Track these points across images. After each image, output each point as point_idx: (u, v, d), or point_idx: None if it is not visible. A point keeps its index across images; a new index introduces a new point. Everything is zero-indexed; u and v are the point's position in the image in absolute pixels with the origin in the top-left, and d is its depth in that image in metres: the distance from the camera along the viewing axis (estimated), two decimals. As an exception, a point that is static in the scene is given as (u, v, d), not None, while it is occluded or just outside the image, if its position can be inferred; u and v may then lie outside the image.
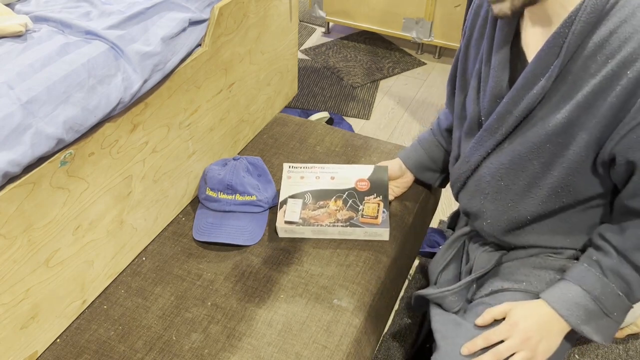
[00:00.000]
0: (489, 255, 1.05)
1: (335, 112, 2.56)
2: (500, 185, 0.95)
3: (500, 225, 0.99)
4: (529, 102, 0.86)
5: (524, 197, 0.93)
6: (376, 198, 1.20)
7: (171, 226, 1.24)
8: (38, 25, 0.96)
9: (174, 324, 1.03)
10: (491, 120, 0.92)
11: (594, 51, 0.79)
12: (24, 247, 0.86)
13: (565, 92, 0.83)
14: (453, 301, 1.04)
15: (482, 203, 1.00)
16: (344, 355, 0.99)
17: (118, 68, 0.93)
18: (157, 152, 1.12)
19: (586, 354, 1.38)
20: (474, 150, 0.98)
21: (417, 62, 2.95)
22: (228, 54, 1.26)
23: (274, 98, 1.57)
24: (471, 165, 0.99)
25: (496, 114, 0.91)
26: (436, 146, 1.24)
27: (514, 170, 0.92)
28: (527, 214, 0.94)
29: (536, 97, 0.85)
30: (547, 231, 0.96)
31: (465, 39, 1.03)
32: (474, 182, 1.00)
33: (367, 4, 2.89)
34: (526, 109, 0.87)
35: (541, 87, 0.84)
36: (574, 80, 0.82)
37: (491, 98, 0.93)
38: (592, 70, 0.80)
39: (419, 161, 1.26)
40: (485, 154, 0.96)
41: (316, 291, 1.08)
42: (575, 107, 0.82)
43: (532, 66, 0.85)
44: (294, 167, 1.28)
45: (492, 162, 0.95)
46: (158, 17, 1.03)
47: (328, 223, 1.17)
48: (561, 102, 0.84)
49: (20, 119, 0.79)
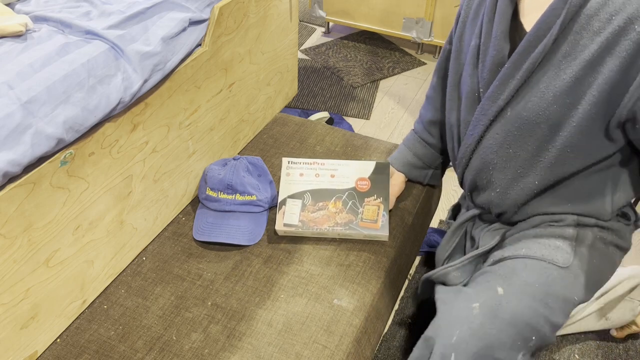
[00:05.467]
0: (493, 234, 1.07)
1: (335, 112, 2.55)
2: (509, 152, 0.96)
3: (509, 193, 1.00)
4: (531, 62, 0.87)
5: (533, 162, 0.94)
6: (376, 200, 1.19)
7: (171, 226, 1.24)
8: (38, 25, 0.96)
9: (174, 324, 1.03)
10: (493, 88, 0.93)
11: (597, 9, 0.80)
12: (24, 247, 0.86)
13: (568, 51, 0.84)
14: (456, 277, 1.05)
15: (491, 173, 1.01)
16: (344, 355, 0.99)
17: (118, 68, 0.93)
18: (157, 152, 1.11)
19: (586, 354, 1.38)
20: (476, 122, 0.99)
21: (417, 62, 2.95)
22: (228, 54, 1.26)
23: (274, 98, 1.57)
24: (475, 137, 1.00)
25: (498, 79, 0.92)
26: (419, 142, 1.27)
27: (522, 137, 0.93)
28: (536, 179, 0.95)
29: (537, 58, 0.86)
30: (551, 197, 0.97)
31: (460, 20, 1.04)
32: (480, 155, 1.01)
33: (367, 4, 2.89)
34: (528, 70, 0.88)
35: (542, 47, 0.85)
36: (576, 39, 0.82)
37: (492, 67, 0.94)
38: (595, 28, 0.80)
39: (405, 160, 1.28)
40: (489, 122, 0.96)
41: (316, 291, 1.08)
42: (581, 66, 0.82)
43: (534, 30, 0.86)
44: (293, 163, 1.24)
45: (498, 131, 0.96)
46: (158, 17, 1.03)
47: (327, 227, 1.16)
48: (564, 62, 0.84)
49: (20, 118, 0.79)
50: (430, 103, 1.23)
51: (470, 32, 1.01)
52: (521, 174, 0.97)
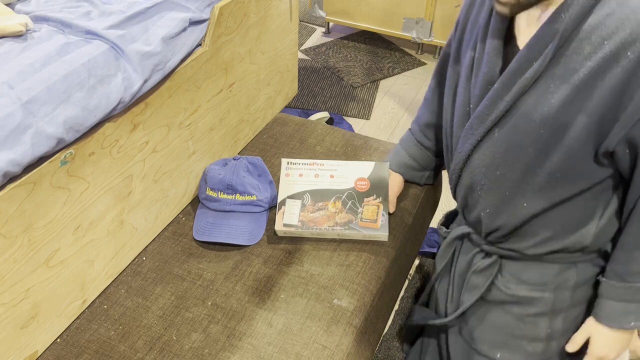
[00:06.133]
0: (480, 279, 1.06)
1: (335, 112, 2.56)
2: (497, 174, 0.94)
3: (499, 215, 0.98)
4: (521, 86, 0.84)
5: (522, 186, 0.92)
6: (376, 200, 1.19)
7: (171, 226, 1.24)
8: (38, 25, 0.96)
9: (174, 324, 1.03)
10: (482, 107, 0.91)
11: (589, 33, 0.77)
12: (24, 247, 0.86)
13: (558, 75, 0.82)
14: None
15: (479, 194, 0.98)
16: (344, 355, 0.99)
17: (118, 68, 0.93)
18: (158, 152, 1.12)
19: (586, 354, 1.37)
20: (465, 139, 0.96)
21: (417, 62, 2.95)
22: (228, 54, 1.26)
23: (274, 98, 1.57)
24: (463, 155, 0.98)
25: (487, 99, 0.89)
26: (415, 144, 1.25)
27: (510, 159, 0.91)
28: (525, 202, 0.93)
29: (528, 81, 0.84)
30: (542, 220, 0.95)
31: (460, 26, 1.01)
32: (469, 174, 0.99)
33: (367, 4, 2.89)
34: (517, 93, 0.85)
35: (534, 71, 0.83)
36: (567, 63, 0.80)
37: (483, 84, 0.91)
38: (587, 52, 0.78)
39: (401, 161, 1.27)
40: (476, 142, 0.94)
41: (316, 291, 1.08)
42: (570, 90, 0.80)
43: (526, 50, 0.83)
44: (292, 164, 1.25)
45: (485, 152, 0.94)
46: (158, 17, 1.03)
47: (327, 227, 1.16)
48: (554, 86, 0.82)
49: (21, 118, 0.79)
50: (428, 106, 1.21)
51: (468, 40, 0.98)
52: (510, 197, 0.94)
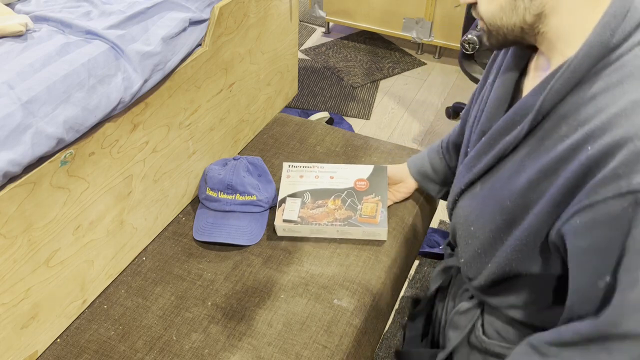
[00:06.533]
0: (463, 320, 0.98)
1: (335, 112, 2.56)
2: (470, 230, 0.89)
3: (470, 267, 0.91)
4: (502, 148, 0.79)
5: (491, 249, 0.85)
6: (375, 198, 1.21)
7: (171, 226, 1.24)
8: (38, 25, 0.96)
9: (174, 324, 1.03)
10: (469, 158, 0.87)
11: (568, 111, 0.69)
12: (24, 247, 0.86)
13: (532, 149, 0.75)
14: None
15: (458, 241, 0.94)
16: (344, 355, 0.99)
17: (118, 68, 0.93)
18: (158, 152, 1.12)
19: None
20: (456, 181, 0.93)
21: (417, 62, 2.95)
22: (228, 54, 1.26)
23: (274, 98, 1.57)
24: (453, 196, 0.95)
25: (475, 150, 0.86)
26: (440, 158, 1.21)
27: (483, 220, 0.85)
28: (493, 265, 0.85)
29: (509, 144, 0.78)
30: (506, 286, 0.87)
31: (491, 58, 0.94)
32: (455, 217, 0.95)
33: (367, 4, 2.89)
34: (498, 154, 0.80)
35: (514, 137, 0.77)
36: (543, 138, 0.73)
37: (479, 132, 0.86)
38: (562, 132, 0.70)
39: (422, 169, 1.25)
40: (460, 190, 0.91)
41: (316, 291, 1.08)
42: (537, 171, 0.73)
43: (513, 111, 0.78)
44: (293, 167, 1.28)
45: (466, 203, 0.90)
46: (158, 17, 1.03)
47: (326, 222, 1.17)
48: (527, 160, 0.75)
49: (21, 118, 0.79)
50: (460, 124, 1.15)
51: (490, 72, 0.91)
52: (480, 254, 0.87)
